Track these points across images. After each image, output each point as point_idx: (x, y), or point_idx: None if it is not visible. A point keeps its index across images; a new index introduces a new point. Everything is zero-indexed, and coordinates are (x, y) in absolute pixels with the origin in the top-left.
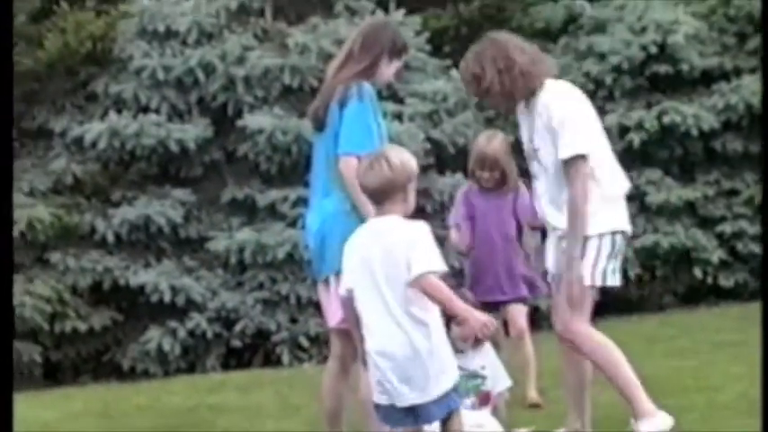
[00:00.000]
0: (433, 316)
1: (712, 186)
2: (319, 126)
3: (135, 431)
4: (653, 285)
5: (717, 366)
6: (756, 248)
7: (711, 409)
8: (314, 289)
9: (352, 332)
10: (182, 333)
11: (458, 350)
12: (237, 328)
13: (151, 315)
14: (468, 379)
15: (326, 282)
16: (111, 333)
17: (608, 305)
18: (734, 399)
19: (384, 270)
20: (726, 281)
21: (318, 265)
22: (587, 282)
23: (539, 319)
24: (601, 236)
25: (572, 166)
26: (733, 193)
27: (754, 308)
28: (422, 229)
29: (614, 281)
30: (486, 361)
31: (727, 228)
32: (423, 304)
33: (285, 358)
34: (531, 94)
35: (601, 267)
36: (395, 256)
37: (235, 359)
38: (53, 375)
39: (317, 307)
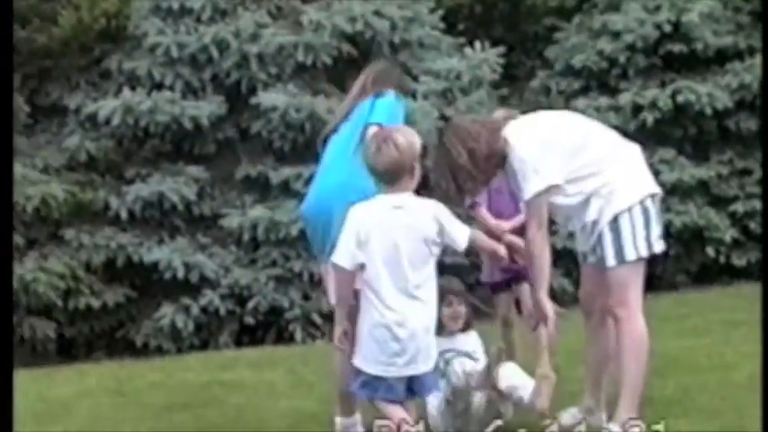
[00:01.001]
0: (433, 292)
1: (726, 166)
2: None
3: (148, 407)
4: (666, 264)
5: (730, 345)
6: None
7: (726, 387)
8: None
9: (344, 306)
10: (195, 310)
11: (450, 332)
12: (250, 305)
13: (164, 292)
14: (461, 357)
15: None
16: (125, 309)
17: None
18: (748, 377)
19: (407, 244)
20: (738, 260)
21: (324, 241)
22: (632, 257)
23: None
24: (630, 209)
25: (529, 208)
26: (746, 172)
27: None
28: (439, 204)
29: (659, 247)
30: (477, 346)
31: (739, 207)
32: (429, 280)
33: (298, 335)
34: (503, 160)
35: (642, 237)
36: (421, 232)
37: (248, 336)
38: (67, 351)
39: None
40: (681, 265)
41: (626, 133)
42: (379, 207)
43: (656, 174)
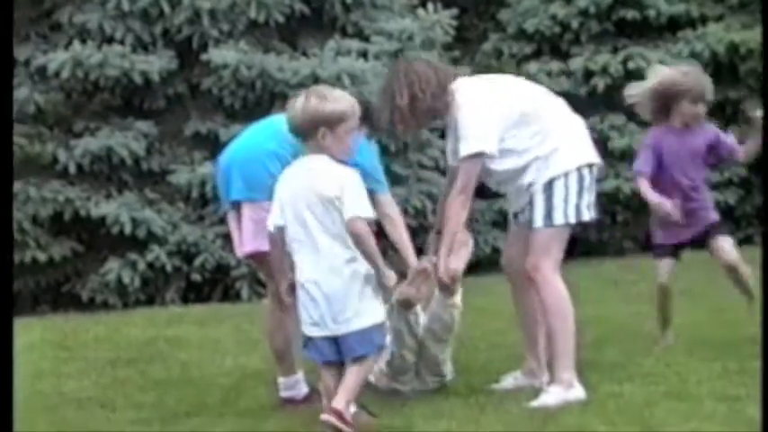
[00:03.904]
0: (350, 252)
1: None
2: None
3: (93, 362)
4: (613, 230)
5: (675, 312)
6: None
7: (670, 353)
8: None
9: (274, 268)
10: (141, 265)
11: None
12: (197, 262)
13: (111, 247)
14: None
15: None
16: (71, 264)
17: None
18: (691, 343)
19: (312, 205)
20: None
21: (228, 191)
22: (560, 222)
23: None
24: (567, 174)
25: (463, 164)
26: None
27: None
28: (352, 174)
29: (589, 215)
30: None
31: None
32: (342, 241)
33: (244, 293)
34: (443, 111)
35: (573, 204)
36: (322, 194)
37: (194, 293)
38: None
39: None
40: (628, 231)
41: (577, 98)
42: (294, 170)
43: (606, 140)
